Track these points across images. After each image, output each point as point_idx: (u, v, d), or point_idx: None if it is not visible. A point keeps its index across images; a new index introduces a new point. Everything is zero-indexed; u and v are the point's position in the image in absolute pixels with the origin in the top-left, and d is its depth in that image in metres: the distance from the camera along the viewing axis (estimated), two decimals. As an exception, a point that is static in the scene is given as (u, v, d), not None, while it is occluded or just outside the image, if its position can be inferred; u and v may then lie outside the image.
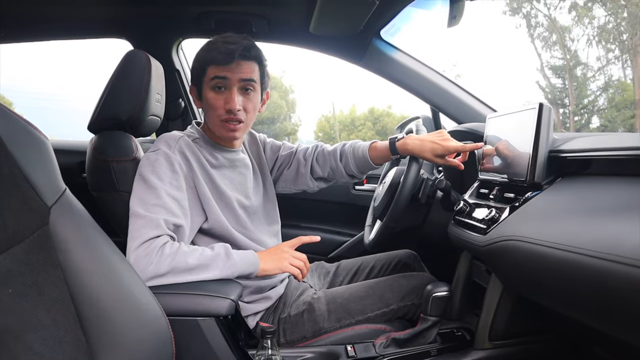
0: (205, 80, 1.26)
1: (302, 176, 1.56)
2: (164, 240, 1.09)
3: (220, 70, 1.23)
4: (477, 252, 1.19)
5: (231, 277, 1.13)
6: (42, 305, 0.73)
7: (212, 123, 1.30)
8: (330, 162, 1.54)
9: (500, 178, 1.27)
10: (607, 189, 0.92)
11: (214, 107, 1.26)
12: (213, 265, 1.11)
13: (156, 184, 1.15)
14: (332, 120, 25.63)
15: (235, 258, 1.14)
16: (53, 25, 1.95)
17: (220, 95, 1.26)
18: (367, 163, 1.48)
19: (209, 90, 1.26)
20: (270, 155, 1.58)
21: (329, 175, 1.56)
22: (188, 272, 1.08)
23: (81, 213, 0.83)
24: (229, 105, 1.24)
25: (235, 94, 1.25)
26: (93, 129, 1.31)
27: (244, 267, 1.15)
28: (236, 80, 1.25)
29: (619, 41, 20.80)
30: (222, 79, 1.24)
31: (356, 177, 1.55)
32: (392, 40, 1.88)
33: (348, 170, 1.52)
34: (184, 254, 1.09)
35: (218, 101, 1.26)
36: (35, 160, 0.75)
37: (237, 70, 1.24)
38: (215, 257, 1.13)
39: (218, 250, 1.15)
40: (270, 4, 1.67)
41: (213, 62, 1.24)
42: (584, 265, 0.78)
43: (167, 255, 1.07)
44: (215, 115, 1.27)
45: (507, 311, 1.18)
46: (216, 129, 1.30)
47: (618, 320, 0.77)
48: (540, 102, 1.12)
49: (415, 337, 1.25)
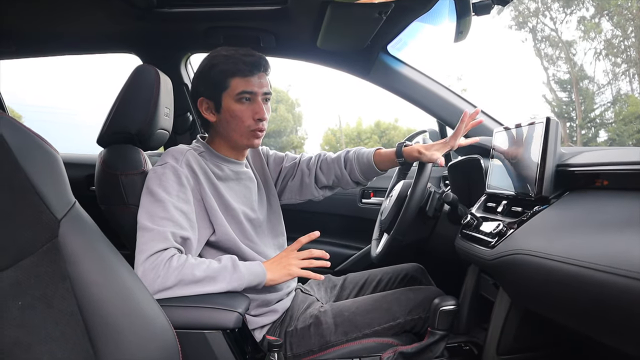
0: (229, 92, 1.28)
1: (306, 186, 1.57)
2: (171, 252, 1.10)
3: (247, 83, 1.27)
4: (485, 265, 1.19)
5: (238, 289, 1.14)
6: (51, 318, 0.74)
7: (237, 133, 1.32)
8: (334, 169, 1.55)
9: (507, 192, 1.27)
10: (615, 203, 0.92)
11: (242, 118, 1.29)
12: (220, 278, 1.12)
13: (164, 197, 1.16)
14: (338, 133, 25.70)
15: (242, 270, 1.15)
16: (63, 40, 1.98)
17: (247, 107, 1.29)
18: (371, 168, 1.50)
19: (234, 102, 1.28)
20: (274, 167, 1.59)
21: (333, 183, 1.57)
22: (195, 284, 1.08)
23: (90, 226, 0.83)
24: (259, 115, 1.29)
25: (262, 104, 1.29)
26: (102, 143, 1.32)
27: (251, 278, 1.16)
28: (261, 93, 1.29)
29: (626, 55, 20.79)
30: (250, 93, 1.28)
31: (361, 183, 1.56)
32: (398, 54, 1.90)
33: (353, 177, 1.53)
34: (191, 267, 1.09)
35: (246, 112, 1.29)
36: (46, 173, 0.76)
37: (260, 83, 1.29)
38: (222, 269, 1.13)
39: (225, 263, 1.15)
40: (278, 19, 1.68)
41: (238, 74, 1.27)
42: (593, 280, 0.77)
43: (175, 268, 1.07)
44: (243, 126, 1.30)
45: (515, 325, 1.17)
46: (242, 139, 1.33)
47: (628, 336, 0.77)
48: (547, 116, 1.12)
49: (422, 351, 1.24)
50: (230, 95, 1.28)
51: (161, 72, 1.34)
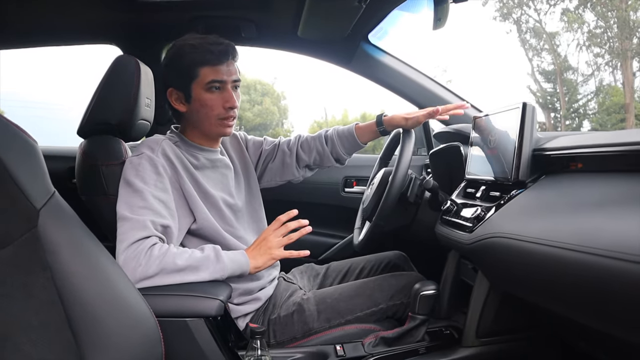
0: (199, 81, 1.27)
1: (287, 166, 1.59)
2: (152, 241, 1.10)
3: (217, 72, 1.26)
4: (464, 250, 1.20)
5: (220, 279, 1.14)
6: (31, 308, 0.73)
7: (208, 123, 1.31)
8: (316, 146, 1.58)
9: (486, 177, 1.29)
10: (589, 185, 0.94)
11: (212, 107, 1.29)
12: (202, 267, 1.12)
13: (141, 187, 1.16)
14: (324, 125, 25.61)
15: (225, 260, 1.15)
16: (42, 31, 1.95)
17: (216, 95, 1.28)
18: (353, 141, 1.55)
19: (204, 92, 1.28)
20: (254, 151, 1.59)
21: (314, 161, 1.60)
22: (177, 273, 1.09)
23: (70, 216, 0.83)
24: (230, 103, 1.29)
25: (231, 92, 1.29)
26: (82, 134, 1.31)
27: (234, 267, 1.16)
28: (230, 80, 1.29)
29: (608, 46, 20.99)
30: (220, 82, 1.27)
31: (341, 160, 1.60)
32: (380, 43, 1.90)
33: (334, 153, 1.57)
34: (172, 256, 1.09)
35: (216, 101, 1.28)
36: (24, 162, 0.75)
37: (229, 71, 1.28)
38: (205, 259, 1.13)
39: (208, 253, 1.15)
40: (259, 8, 1.68)
41: (207, 63, 1.26)
42: (566, 259, 0.79)
43: (156, 257, 1.07)
44: (213, 114, 1.29)
45: (494, 308, 1.19)
46: (212, 128, 1.32)
47: (599, 313, 0.79)
48: (524, 101, 1.14)
49: (403, 335, 1.26)
50: (200, 84, 1.27)
51: (142, 63, 1.33)
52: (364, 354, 1.23)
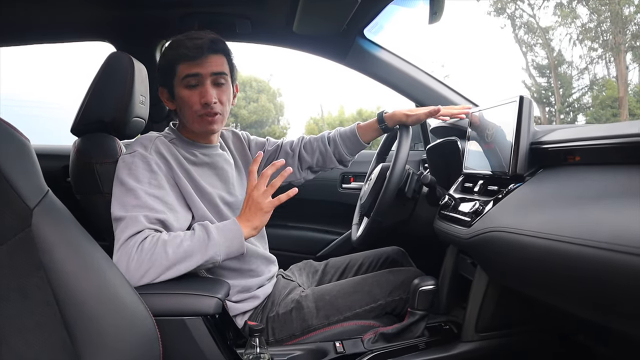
0: (177, 79, 1.26)
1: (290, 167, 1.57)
2: (144, 235, 1.08)
3: (192, 67, 1.24)
4: (462, 245, 1.20)
5: (216, 257, 1.11)
6: (26, 309, 0.73)
7: (189, 120, 1.30)
8: (319, 147, 1.58)
9: (484, 172, 1.28)
10: (586, 178, 0.93)
11: (190, 103, 1.26)
12: (195, 251, 1.09)
13: (134, 185, 1.15)
14: (320, 122, 25.60)
15: (215, 237, 1.11)
16: (34, 29, 1.93)
17: (194, 92, 1.26)
18: (356, 141, 1.57)
19: (182, 88, 1.26)
20: (256, 151, 1.58)
21: (317, 162, 1.60)
22: (171, 265, 1.06)
23: (65, 215, 0.82)
24: (205, 99, 1.25)
25: (209, 87, 1.25)
26: (76, 132, 1.30)
27: (227, 242, 1.13)
28: (208, 74, 1.25)
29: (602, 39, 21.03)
30: (195, 76, 1.24)
31: (344, 161, 1.61)
32: (375, 38, 1.89)
33: (337, 154, 1.59)
34: (163, 245, 1.07)
35: (193, 97, 1.26)
36: (16, 161, 0.74)
37: (208, 64, 1.25)
38: (197, 241, 1.10)
39: (198, 233, 1.12)
40: (254, 4, 1.67)
41: (183, 59, 1.24)
42: (565, 253, 0.79)
43: (147, 250, 1.05)
44: (192, 111, 1.27)
45: (493, 303, 1.19)
46: (194, 126, 1.30)
47: (598, 305, 0.78)
48: (520, 94, 1.14)
49: (403, 331, 1.25)
50: (179, 81, 1.26)
51: (135, 60, 1.32)
52: (364, 350, 1.22)
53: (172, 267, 1.07)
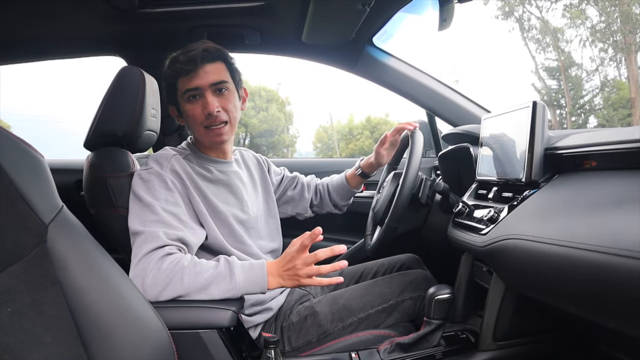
0: (179, 95, 1.28)
1: (305, 200, 1.69)
2: (164, 251, 1.08)
3: (190, 81, 1.25)
4: (478, 253, 1.19)
5: (234, 294, 1.08)
6: (42, 324, 0.73)
7: (198, 134, 1.31)
8: (319, 190, 1.74)
9: (497, 178, 1.27)
10: (604, 184, 0.92)
11: (194, 116, 1.28)
12: (213, 283, 1.07)
13: (151, 202, 1.15)
14: (330, 130, 25.70)
15: (237, 276, 1.08)
16: (46, 45, 1.95)
17: (196, 104, 1.27)
18: (346, 187, 1.70)
19: (185, 103, 1.28)
20: (274, 176, 1.64)
21: (318, 203, 1.75)
22: (185, 291, 1.05)
23: (79, 229, 0.82)
24: (207, 109, 1.26)
25: (210, 97, 1.26)
26: (89, 146, 1.31)
27: (249, 284, 1.09)
28: (207, 85, 1.26)
29: (612, 40, 20.88)
30: (194, 90, 1.26)
31: (339, 205, 1.76)
32: (384, 46, 1.89)
33: (332, 200, 1.74)
34: (181, 270, 1.05)
35: (196, 110, 1.27)
36: (31, 178, 0.74)
37: (204, 75, 1.25)
38: (217, 274, 1.08)
39: (220, 268, 1.09)
40: (262, 15, 1.67)
41: (180, 75, 1.26)
42: (584, 260, 0.77)
43: (164, 269, 1.05)
44: (197, 124, 1.29)
45: (510, 311, 1.17)
46: (203, 138, 1.31)
47: (619, 314, 0.77)
48: (534, 100, 1.12)
49: (419, 341, 1.24)
50: (181, 97, 1.28)
51: (146, 73, 1.33)
52: (380, 361, 1.21)
53: (186, 295, 1.05)
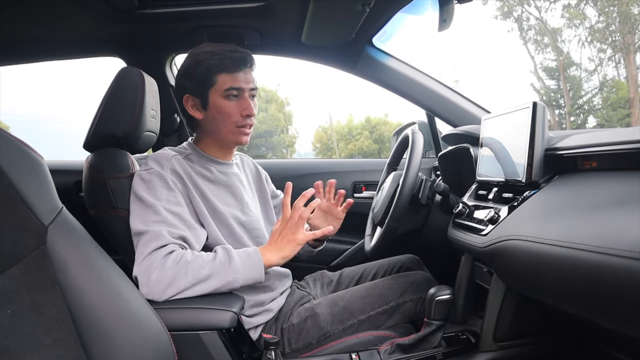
0: (216, 88, 1.28)
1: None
2: (168, 249, 1.08)
3: (234, 80, 1.27)
4: (478, 253, 1.19)
5: (234, 283, 1.11)
6: (41, 325, 0.72)
7: (224, 130, 1.31)
8: None
9: (498, 179, 1.27)
10: (604, 184, 0.92)
11: (230, 114, 1.29)
12: (214, 273, 1.09)
13: (153, 202, 1.15)
14: (329, 130, 25.70)
15: (236, 263, 1.11)
16: (46, 45, 1.95)
17: (234, 103, 1.29)
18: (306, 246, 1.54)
19: (222, 98, 1.28)
20: (271, 189, 1.62)
21: None
22: (190, 284, 1.06)
23: (79, 231, 0.82)
24: (247, 110, 1.29)
25: (249, 100, 1.30)
26: (89, 147, 1.31)
27: (247, 269, 1.12)
28: (248, 89, 1.29)
29: (611, 40, 20.91)
30: (237, 89, 1.27)
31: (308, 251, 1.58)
32: (384, 46, 1.89)
33: None
34: (185, 265, 1.07)
35: (233, 108, 1.29)
36: (30, 179, 0.74)
37: (248, 79, 1.29)
38: (218, 264, 1.10)
39: (219, 257, 1.12)
40: (262, 16, 1.67)
41: (224, 70, 1.26)
42: (585, 261, 0.77)
43: (168, 267, 1.06)
44: (230, 122, 1.30)
45: (511, 311, 1.17)
46: (229, 136, 1.32)
47: (620, 314, 0.77)
48: (534, 101, 1.12)
49: (419, 342, 1.24)
50: (218, 91, 1.27)
51: (146, 74, 1.33)
52: (380, 362, 1.21)
53: (190, 288, 1.07)
